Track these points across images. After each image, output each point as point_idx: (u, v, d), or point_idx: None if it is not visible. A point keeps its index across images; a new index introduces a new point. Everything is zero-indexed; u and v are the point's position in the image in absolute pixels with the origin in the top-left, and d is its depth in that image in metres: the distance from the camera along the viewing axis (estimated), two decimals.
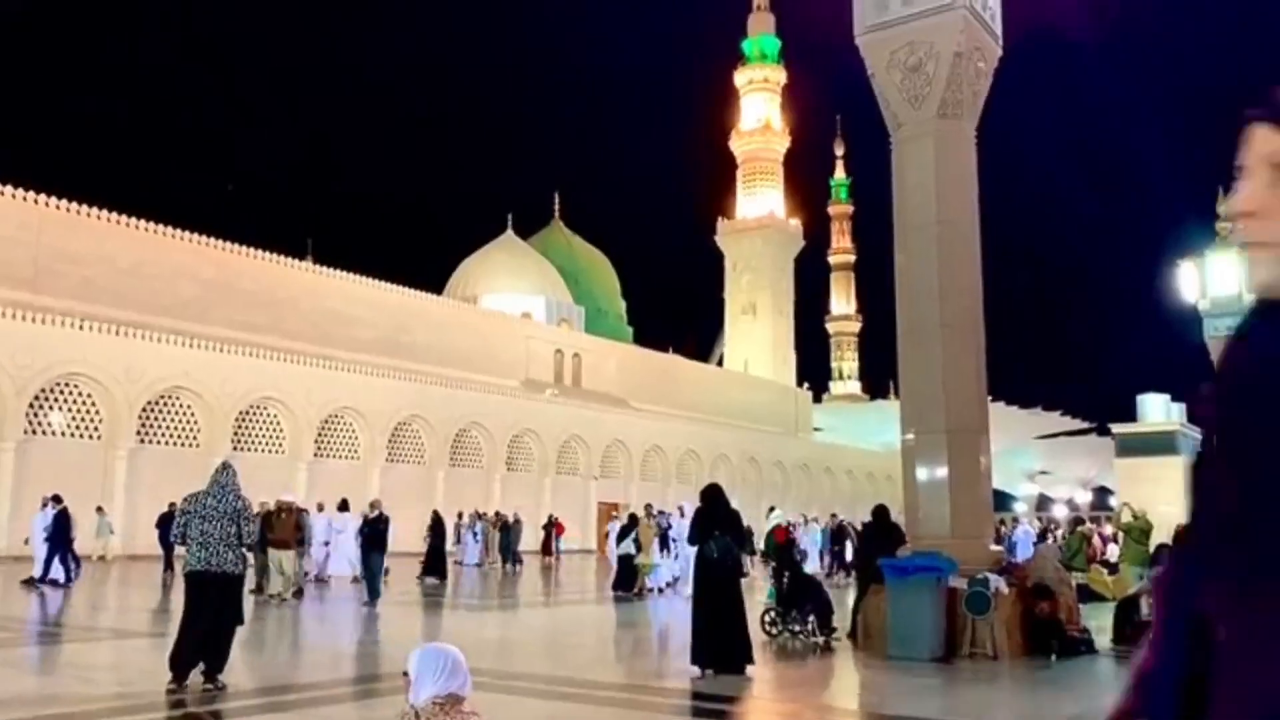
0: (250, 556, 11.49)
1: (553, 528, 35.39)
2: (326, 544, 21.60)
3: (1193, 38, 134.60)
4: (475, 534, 31.02)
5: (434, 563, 22.78)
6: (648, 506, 22.36)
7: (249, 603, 13.29)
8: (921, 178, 11.85)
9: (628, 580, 19.83)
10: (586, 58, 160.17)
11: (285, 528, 17.09)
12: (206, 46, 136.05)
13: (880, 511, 12.72)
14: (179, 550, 11.59)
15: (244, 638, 8.33)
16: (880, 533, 12.19)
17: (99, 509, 26.94)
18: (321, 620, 15.25)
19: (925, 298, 11.68)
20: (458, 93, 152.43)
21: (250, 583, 13.48)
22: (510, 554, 29.29)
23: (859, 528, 24.10)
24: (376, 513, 17.74)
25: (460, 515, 32.43)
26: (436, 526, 23.51)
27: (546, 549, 34.46)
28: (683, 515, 20.46)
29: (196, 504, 8.15)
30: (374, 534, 17.34)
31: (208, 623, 7.97)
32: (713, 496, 9.87)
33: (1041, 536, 28.49)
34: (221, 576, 8.07)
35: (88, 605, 16.72)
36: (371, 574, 16.80)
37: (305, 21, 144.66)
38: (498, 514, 32.75)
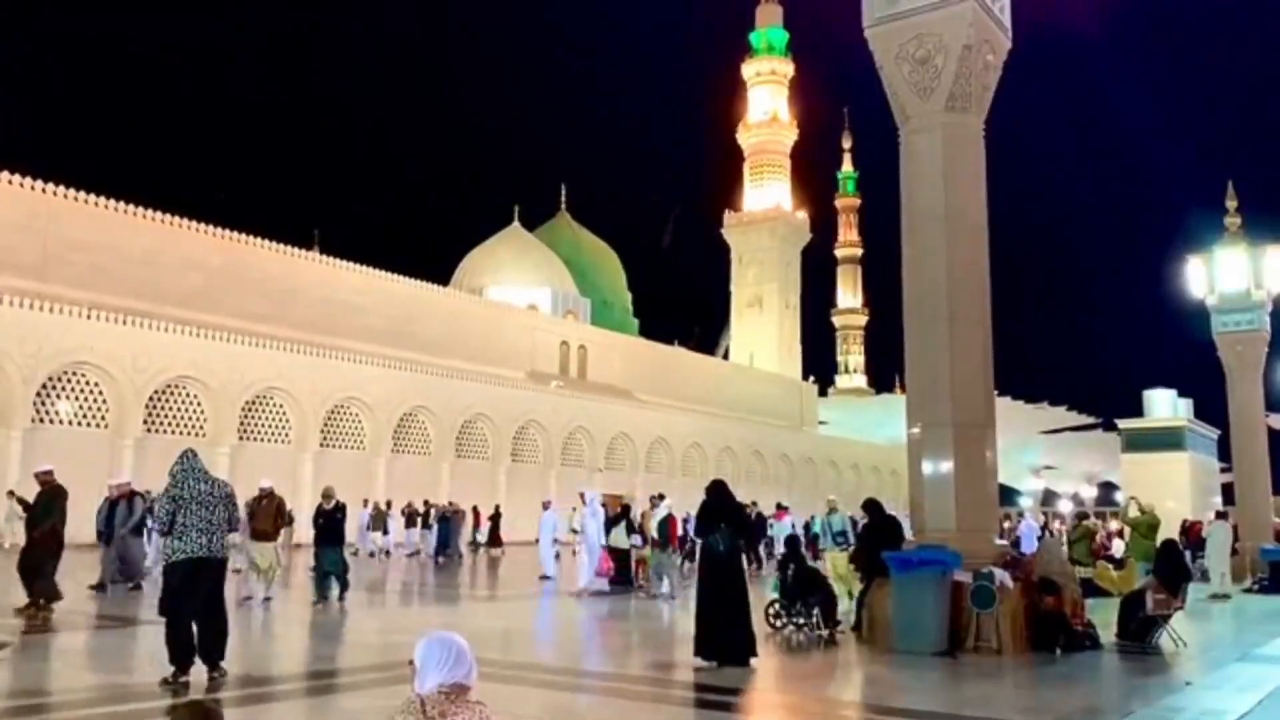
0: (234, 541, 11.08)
1: (497, 518, 35.11)
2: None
3: (1202, 32, 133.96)
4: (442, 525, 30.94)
5: None
6: (653, 498, 22.30)
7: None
8: (929, 171, 11.80)
9: (623, 574, 19.55)
10: (594, 49, 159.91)
11: (267, 516, 14.77)
12: (216, 35, 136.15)
13: (874, 505, 12.70)
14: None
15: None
16: (879, 526, 12.18)
17: (9, 493, 23.79)
18: (299, 615, 14.18)
19: (932, 291, 11.65)
20: (466, 84, 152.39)
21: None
22: (449, 546, 29.09)
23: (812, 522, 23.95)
24: (332, 502, 15.48)
25: (389, 504, 32.13)
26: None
27: (496, 540, 34.16)
28: (584, 502, 19.81)
29: (188, 490, 7.96)
30: (329, 525, 15.18)
31: (198, 608, 7.89)
32: (718, 491, 9.99)
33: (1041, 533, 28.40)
34: (218, 562, 8.07)
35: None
36: (323, 570, 14.83)
37: (314, 11, 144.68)
38: (426, 504, 32.56)
